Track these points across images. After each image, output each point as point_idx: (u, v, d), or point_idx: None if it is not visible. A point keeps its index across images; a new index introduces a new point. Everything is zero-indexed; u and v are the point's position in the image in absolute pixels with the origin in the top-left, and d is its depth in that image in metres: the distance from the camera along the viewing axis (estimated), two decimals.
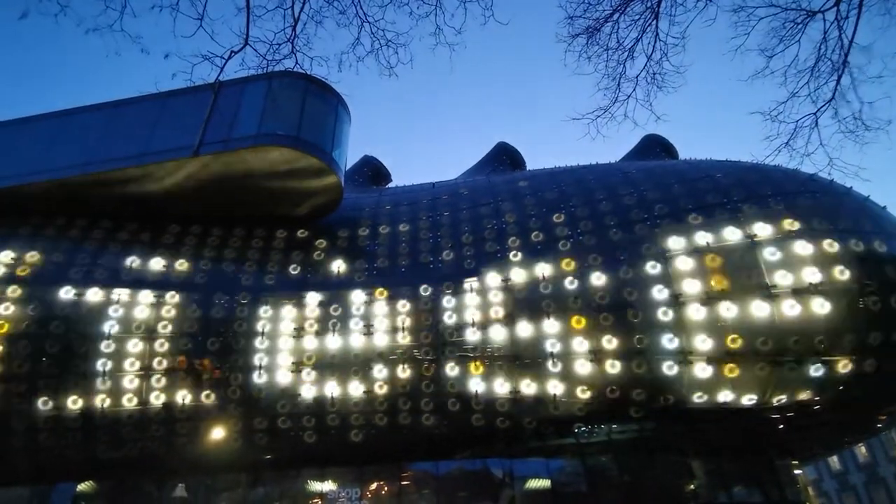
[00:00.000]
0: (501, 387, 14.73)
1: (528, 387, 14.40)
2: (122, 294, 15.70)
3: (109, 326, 15.25)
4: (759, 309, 14.10)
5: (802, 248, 14.61)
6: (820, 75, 8.34)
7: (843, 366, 14.04)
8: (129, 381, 15.03)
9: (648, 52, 8.39)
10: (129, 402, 14.97)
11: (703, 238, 15.14)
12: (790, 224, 15.00)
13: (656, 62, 8.52)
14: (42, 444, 14.91)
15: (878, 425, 19.72)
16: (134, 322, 15.46)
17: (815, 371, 14.08)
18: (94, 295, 15.58)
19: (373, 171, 26.10)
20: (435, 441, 15.51)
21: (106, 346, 15.10)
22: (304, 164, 16.23)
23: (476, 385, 15.00)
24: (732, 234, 15.13)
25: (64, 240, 16.94)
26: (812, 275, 14.21)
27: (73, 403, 14.82)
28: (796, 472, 19.93)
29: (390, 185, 25.77)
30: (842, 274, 14.22)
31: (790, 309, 14.11)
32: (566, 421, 14.81)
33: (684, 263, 14.93)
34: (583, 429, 16.17)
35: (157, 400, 15.06)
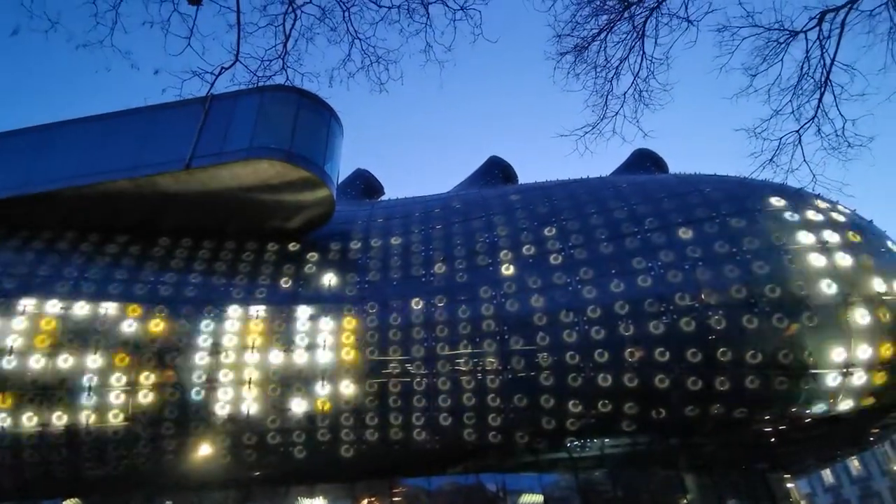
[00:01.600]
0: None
1: (58, 419, 14.40)
2: (109, 308, 15.54)
3: (96, 341, 15.08)
4: None
5: None
6: (803, 93, 8.52)
7: (833, 379, 14.13)
8: (116, 397, 14.81)
9: (635, 70, 8.55)
10: (114, 419, 14.76)
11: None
12: None
13: (643, 80, 8.69)
14: (27, 461, 14.65)
15: (871, 439, 19.78)
16: (121, 336, 15.30)
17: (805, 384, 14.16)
18: (80, 309, 15.41)
19: (365, 185, 26.19)
20: None
21: (92, 361, 14.92)
22: (297, 177, 16.24)
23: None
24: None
25: (52, 252, 16.81)
26: None
27: (58, 420, 14.56)
28: (789, 485, 19.92)
29: (383, 198, 25.86)
30: (829, 288, 14.36)
31: None
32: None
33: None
34: (575, 443, 16.11)
35: (143, 415, 14.85)
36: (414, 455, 15.72)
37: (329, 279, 17.15)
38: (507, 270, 16.58)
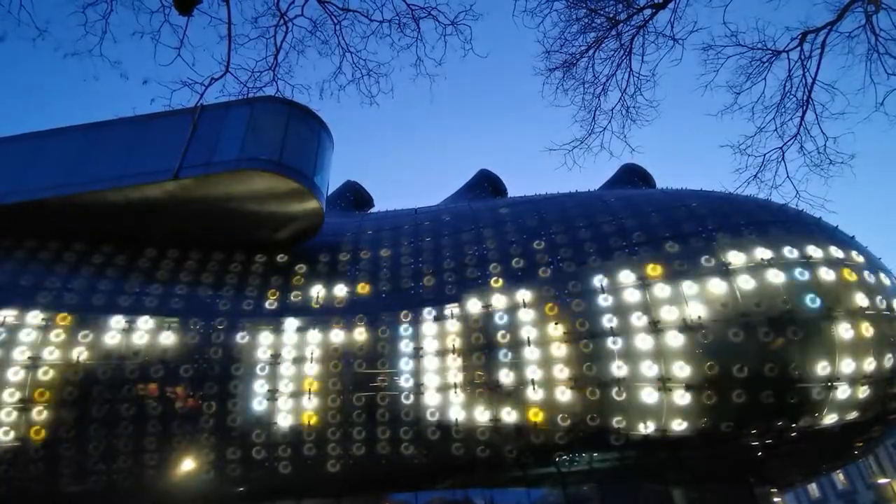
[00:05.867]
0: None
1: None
2: (92, 319, 15.26)
3: (78, 353, 14.78)
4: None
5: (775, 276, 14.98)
6: (785, 111, 8.71)
7: (817, 393, 14.24)
8: (97, 410, 14.48)
9: (622, 86, 8.69)
10: (94, 432, 14.41)
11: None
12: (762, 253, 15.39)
13: (630, 96, 8.84)
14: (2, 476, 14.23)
15: (856, 452, 19.93)
16: (104, 348, 15.01)
17: (791, 398, 14.25)
18: (62, 320, 15.11)
19: (355, 196, 26.18)
20: None
21: (73, 374, 14.60)
22: (286, 188, 16.18)
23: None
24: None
25: (35, 262, 16.52)
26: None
27: (36, 434, 14.18)
28: (776, 499, 19.97)
29: (372, 210, 25.86)
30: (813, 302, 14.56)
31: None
32: None
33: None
34: (564, 457, 16.03)
35: (125, 429, 14.53)
36: (401, 470, 15.53)
37: (318, 291, 17.03)
38: (496, 283, 16.58)
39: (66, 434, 14.30)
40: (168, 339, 15.39)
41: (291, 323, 16.09)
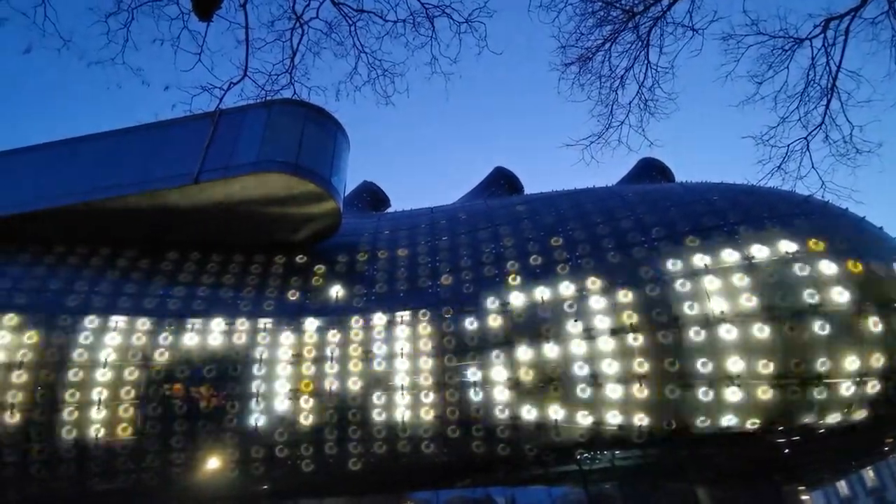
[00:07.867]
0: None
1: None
2: (119, 321, 15.62)
3: (106, 354, 15.13)
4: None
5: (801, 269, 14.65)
6: (809, 100, 8.51)
7: (846, 388, 13.90)
8: (125, 410, 14.82)
9: (640, 79, 8.58)
10: (123, 432, 14.75)
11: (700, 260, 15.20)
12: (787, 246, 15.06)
13: (648, 89, 8.72)
14: (34, 476, 14.64)
15: (886, 449, 19.41)
16: (130, 349, 15.35)
17: (819, 394, 13.93)
18: (90, 323, 15.49)
19: (372, 197, 26.32)
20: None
21: (101, 375, 14.95)
22: (303, 190, 16.35)
23: None
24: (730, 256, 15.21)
25: (62, 267, 16.95)
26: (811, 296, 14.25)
27: (68, 433, 14.56)
28: (804, 497, 19.57)
29: (389, 209, 25.96)
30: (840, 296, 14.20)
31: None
32: None
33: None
34: (585, 455, 15.91)
35: (152, 429, 14.84)
36: (422, 468, 15.58)
37: (336, 291, 17.16)
38: (514, 281, 16.52)
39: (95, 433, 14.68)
40: (192, 339, 15.62)
41: (311, 322, 16.22)
